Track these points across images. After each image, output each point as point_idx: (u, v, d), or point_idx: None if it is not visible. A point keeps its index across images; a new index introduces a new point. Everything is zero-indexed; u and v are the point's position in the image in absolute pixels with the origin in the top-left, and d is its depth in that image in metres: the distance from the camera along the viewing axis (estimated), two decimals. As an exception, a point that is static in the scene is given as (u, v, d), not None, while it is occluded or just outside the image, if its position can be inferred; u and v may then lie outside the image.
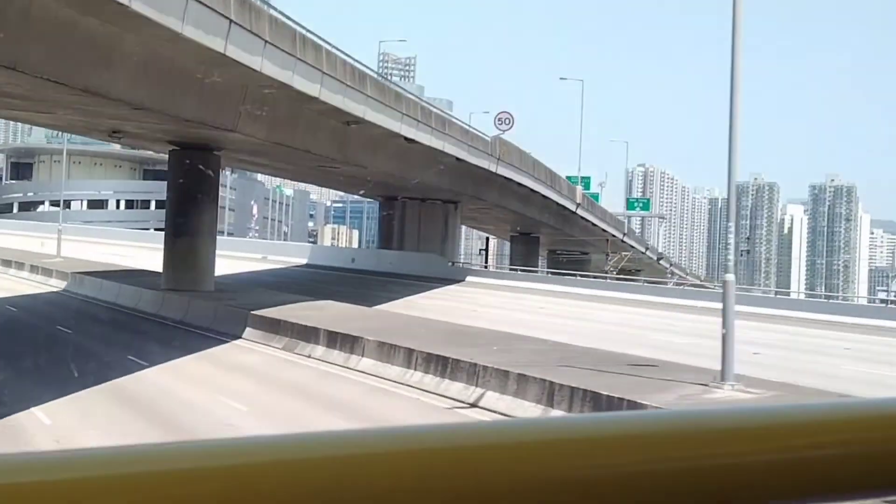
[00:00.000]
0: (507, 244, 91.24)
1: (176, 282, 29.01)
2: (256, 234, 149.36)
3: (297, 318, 22.61)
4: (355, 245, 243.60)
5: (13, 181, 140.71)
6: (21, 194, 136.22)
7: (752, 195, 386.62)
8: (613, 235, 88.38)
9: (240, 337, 23.04)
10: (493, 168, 43.91)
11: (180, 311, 26.68)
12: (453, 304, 35.85)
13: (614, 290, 45.10)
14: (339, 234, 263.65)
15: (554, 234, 79.27)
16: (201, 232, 29.26)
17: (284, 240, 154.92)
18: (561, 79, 66.69)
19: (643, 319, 33.27)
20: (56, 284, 35.71)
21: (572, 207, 66.59)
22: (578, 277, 50.91)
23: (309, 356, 20.18)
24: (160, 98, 19.39)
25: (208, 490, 0.55)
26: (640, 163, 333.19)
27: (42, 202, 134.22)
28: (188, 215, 29.06)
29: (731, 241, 14.73)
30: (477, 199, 48.83)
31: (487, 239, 77.68)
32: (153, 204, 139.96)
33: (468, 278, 46.54)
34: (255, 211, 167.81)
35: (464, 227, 75.83)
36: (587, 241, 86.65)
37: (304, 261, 56.19)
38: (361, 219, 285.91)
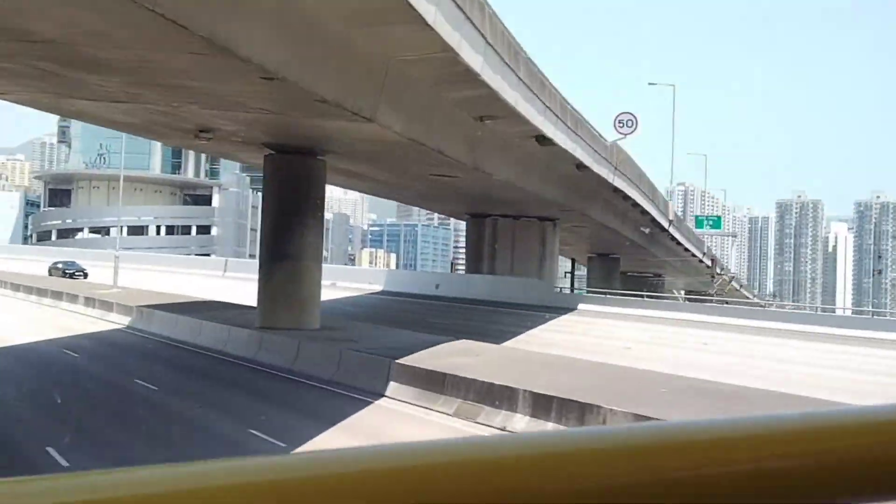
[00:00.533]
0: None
1: (274, 318, 23.23)
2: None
3: (455, 367, 16.70)
4: (393, 267, 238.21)
5: (52, 208, 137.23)
6: (60, 221, 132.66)
7: (796, 213, 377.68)
8: (693, 255, 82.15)
9: (382, 395, 17.15)
10: (610, 178, 37.91)
11: (287, 357, 20.85)
12: (590, 339, 29.79)
13: (746, 317, 38.79)
14: (376, 257, 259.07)
15: (636, 255, 73.14)
16: (305, 256, 23.45)
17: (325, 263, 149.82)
18: (650, 84, 61.48)
19: (842, 357, 27.03)
20: (118, 320, 30.11)
21: (665, 224, 60.31)
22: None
23: (503, 429, 14.20)
24: (298, 65, 13.69)
25: None
26: (679, 181, 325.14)
27: (81, 229, 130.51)
28: (289, 235, 23.27)
29: None
30: (582, 214, 42.80)
31: (573, 261, 71.54)
32: (194, 229, 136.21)
33: (580, 306, 40.37)
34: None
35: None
36: (667, 261, 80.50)
37: (378, 287, 50.43)
38: (398, 242, 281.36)
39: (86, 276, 48.97)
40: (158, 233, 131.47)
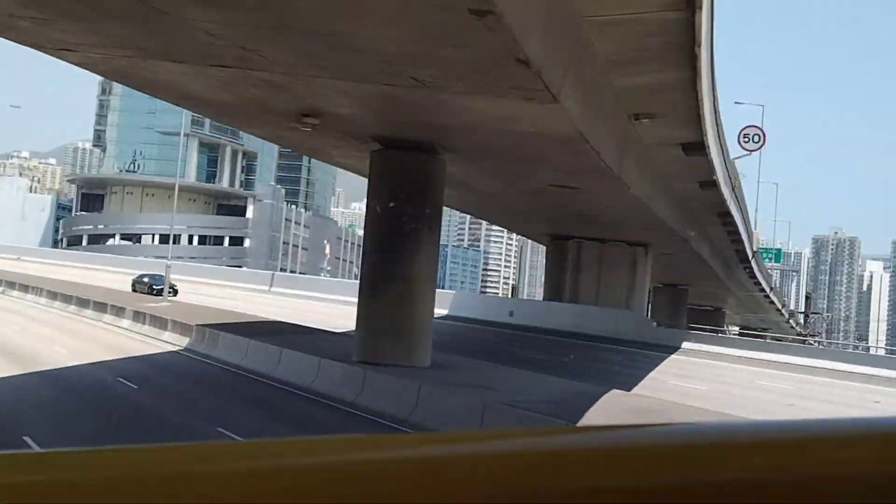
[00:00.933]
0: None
1: (377, 351, 18.83)
2: (328, 275, 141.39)
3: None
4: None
5: (84, 212, 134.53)
6: (91, 226, 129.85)
7: (832, 250, 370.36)
8: (762, 290, 77.15)
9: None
10: (728, 199, 33.37)
11: (403, 404, 16.39)
12: (734, 390, 25.10)
13: (879, 366, 33.91)
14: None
15: (704, 287, 68.36)
16: (418, 276, 19.03)
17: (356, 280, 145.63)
18: (737, 103, 56.97)
19: None
20: (173, 340, 25.85)
21: (750, 255, 55.52)
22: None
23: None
24: (514, 7, 9.39)
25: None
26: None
27: (112, 235, 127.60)
28: (399, 251, 18.88)
29: None
30: (683, 240, 38.21)
31: (650, 291, 66.60)
32: (227, 240, 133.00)
33: (684, 344, 35.68)
34: (327, 251, 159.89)
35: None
36: (735, 295, 75.66)
37: (443, 311, 45.97)
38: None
39: (175, 293, 42.34)
40: (191, 242, 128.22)
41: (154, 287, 42.00)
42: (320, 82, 14.25)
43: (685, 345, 35.40)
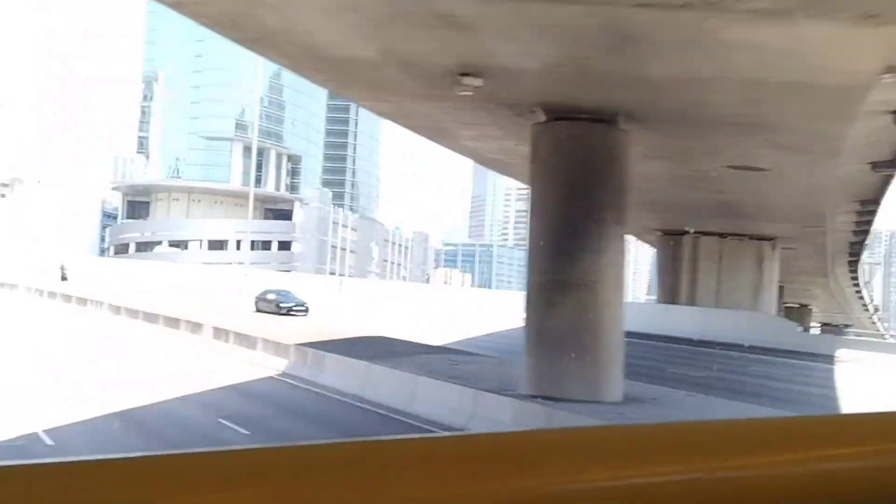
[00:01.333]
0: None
1: (555, 382, 14.42)
2: (376, 277, 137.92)
3: None
4: (468, 287, 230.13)
5: (130, 220, 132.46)
6: (138, 234, 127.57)
7: (886, 241, 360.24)
8: (856, 284, 71.76)
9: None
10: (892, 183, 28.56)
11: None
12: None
13: None
14: (450, 278, 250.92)
15: (802, 283, 63.30)
16: (603, 283, 14.60)
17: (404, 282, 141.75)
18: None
19: None
20: (265, 362, 21.67)
21: (861, 248, 50.38)
22: None
23: None
24: None
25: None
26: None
27: (160, 242, 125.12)
28: (577, 250, 14.51)
29: None
30: (820, 233, 33.41)
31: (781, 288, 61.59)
32: (275, 245, 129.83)
33: (838, 352, 30.83)
34: (374, 253, 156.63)
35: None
36: (829, 290, 70.36)
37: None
38: (473, 262, 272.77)
39: (306, 312, 35.85)
40: (238, 248, 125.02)
41: (281, 305, 35.43)
42: (519, 10, 9.93)
43: (839, 352, 30.56)
